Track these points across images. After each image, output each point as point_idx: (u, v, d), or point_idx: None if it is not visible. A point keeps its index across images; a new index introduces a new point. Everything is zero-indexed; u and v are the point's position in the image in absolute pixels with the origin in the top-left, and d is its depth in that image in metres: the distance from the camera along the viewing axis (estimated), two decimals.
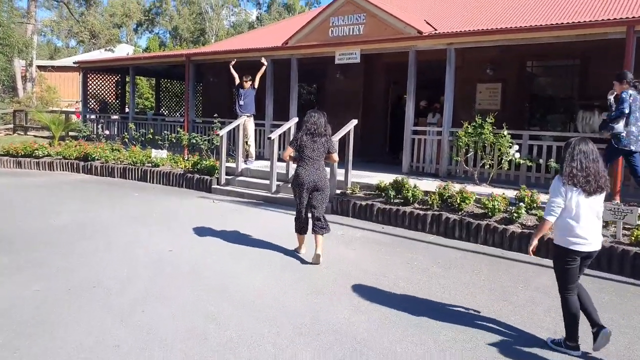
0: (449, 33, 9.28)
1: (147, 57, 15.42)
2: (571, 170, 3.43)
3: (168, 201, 9.05)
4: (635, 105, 6.13)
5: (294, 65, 11.46)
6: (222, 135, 10.07)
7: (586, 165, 3.43)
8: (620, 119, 6.12)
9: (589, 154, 3.46)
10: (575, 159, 3.45)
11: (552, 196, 3.53)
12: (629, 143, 6.22)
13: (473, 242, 6.62)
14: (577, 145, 3.51)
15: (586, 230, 3.46)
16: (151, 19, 59.75)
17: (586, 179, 3.41)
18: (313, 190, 5.61)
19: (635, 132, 6.19)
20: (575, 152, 3.47)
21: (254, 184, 9.75)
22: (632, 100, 6.12)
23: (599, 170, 3.47)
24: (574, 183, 3.41)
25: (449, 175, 9.46)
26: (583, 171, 3.41)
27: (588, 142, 3.54)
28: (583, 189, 3.42)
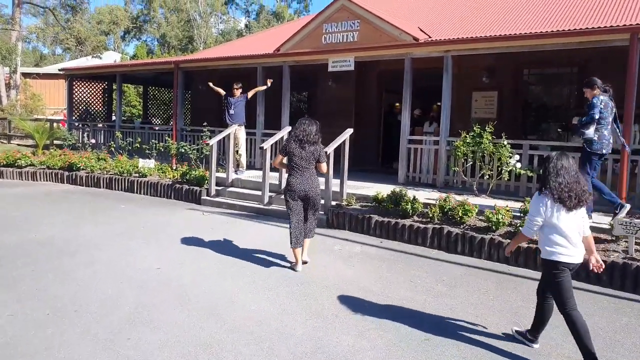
0: (446, 40, 9.06)
1: (135, 65, 15.05)
2: (558, 186, 3.46)
3: (156, 213, 8.67)
4: (606, 111, 6.18)
5: (286, 72, 11.18)
6: (212, 145, 9.73)
7: (568, 181, 3.47)
8: (590, 124, 6.16)
9: (570, 169, 3.51)
10: (560, 175, 3.47)
11: (533, 213, 3.58)
12: (601, 147, 6.24)
13: (477, 257, 6.33)
14: (559, 160, 3.54)
15: (570, 244, 3.51)
16: (139, 26, 59.29)
17: (569, 194, 3.45)
18: (305, 199, 5.57)
19: (607, 136, 6.24)
20: (559, 168, 3.50)
21: (246, 195, 9.41)
22: (604, 105, 6.16)
23: (581, 185, 3.52)
24: (560, 199, 3.45)
25: (447, 185, 9.21)
26: (567, 187, 3.45)
27: (568, 157, 3.59)
28: (565, 205, 3.46)
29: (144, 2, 58.52)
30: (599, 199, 6.59)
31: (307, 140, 5.50)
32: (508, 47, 8.49)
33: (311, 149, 5.53)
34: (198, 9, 55.86)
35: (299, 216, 5.61)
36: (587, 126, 6.18)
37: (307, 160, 5.52)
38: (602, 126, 6.20)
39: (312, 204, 5.64)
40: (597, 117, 6.12)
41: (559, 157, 3.56)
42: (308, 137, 5.51)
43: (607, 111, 6.19)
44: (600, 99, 6.16)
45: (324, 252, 6.45)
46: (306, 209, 5.65)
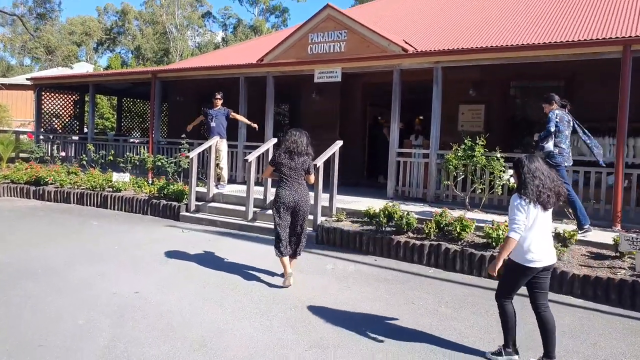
0: (437, 51, 8.83)
1: (110, 74, 14.48)
2: (536, 189, 3.47)
3: (132, 231, 8.11)
4: (563, 125, 6.36)
5: (270, 83, 10.79)
6: (193, 157, 9.24)
7: (544, 182, 3.50)
8: (548, 138, 6.34)
9: (543, 169, 3.56)
10: (536, 177, 3.50)
11: (515, 214, 3.52)
12: (563, 160, 6.37)
13: (476, 276, 5.99)
14: (531, 163, 3.57)
15: (543, 246, 3.53)
16: (113, 38, 58.29)
17: (547, 194, 3.49)
18: (294, 211, 5.48)
19: (566, 149, 6.41)
20: (533, 170, 3.53)
21: (228, 210, 8.92)
22: (559, 119, 6.34)
23: (555, 182, 3.57)
24: (540, 202, 3.48)
25: (438, 200, 8.90)
26: (544, 187, 3.49)
27: (538, 158, 3.65)
28: (543, 205, 3.49)
29: (118, 14, 57.67)
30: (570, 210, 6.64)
31: (297, 151, 5.44)
32: (500, 58, 8.29)
33: (301, 160, 5.46)
34: (174, 21, 55.26)
35: (286, 230, 5.51)
36: (546, 140, 6.36)
37: (296, 171, 5.45)
38: (560, 140, 6.36)
39: (300, 216, 5.52)
40: (553, 129, 6.28)
41: (530, 160, 3.59)
42: (298, 148, 5.44)
43: (564, 125, 6.36)
44: (555, 113, 6.33)
45: (316, 272, 6.02)
46: (294, 222, 5.54)
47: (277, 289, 5.28)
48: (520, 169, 3.59)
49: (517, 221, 3.48)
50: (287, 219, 5.49)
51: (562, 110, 6.43)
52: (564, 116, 6.41)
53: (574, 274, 5.30)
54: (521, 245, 3.52)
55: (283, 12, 58.38)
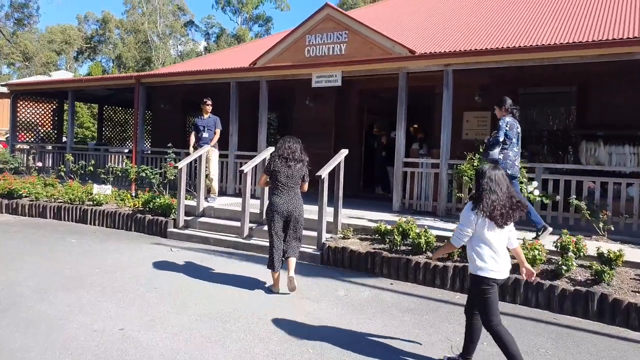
0: (447, 53, 8.21)
1: (90, 80, 13.56)
2: (490, 204, 3.36)
3: (114, 250, 7.26)
4: (512, 132, 6.24)
5: (263, 88, 10.04)
6: (181, 168, 8.44)
7: (501, 198, 3.38)
8: (496, 145, 6.25)
9: (502, 184, 3.44)
10: (492, 192, 3.39)
11: (464, 223, 3.48)
12: (505, 167, 6.14)
13: (510, 302, 5.31)
14: (492, 175, 3.44)
15: (500, 259, 3.44)
16: (93, 46, 57.06)
17: (500, 212, 3.36)
18: (288, 219, 5.36)
19: (512, 156, 6.27)
20: (491, 185, 3.40)
21: (220, 226, 8.12)
22: (509, 127, 6.23)
23: (513, 200, 3.44)
24: (492, 218, 3.37)
25: (449, 214, 8.24)
26: (499, 204, 3.36)
27: (500, 170, 3.53)
28: (496, 222, 3.38)
29: (98, 22, 56.52)
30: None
31: (292, 158, 5.33)
32: (517, 60, 7.68)
33: (297, 167, 5.36)
34: (156, 30, 54.31)
35: (280, 239, 5.38)
36: (493, 147, 6.28)
37: (292, 178, 5.34)
38: (507, 147, 6.25)
39: (294, 225, 5.40)
40: (502, 139, 6.20)
41: (491, 173, 3.45)
42: (294, 155, 5.34)
43: (512, 132, 6.25)
44: (506, 121, 6.23)
45: (328, 298, 5.27)
46: (287, 230, 5.41)
47: (290, 323, 4.51)
48: (481, 179, 3.47)
49: (462, 230, 3.47)
50: (281, 227, 5.36)
51: (511, 117, 6.31)
52: (514, 124, 6.29)
53: (629, 302, 4.64)
54: (476, 257, 3.47)
55: (267, 21, 57.82)
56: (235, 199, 9.83)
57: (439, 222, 7.64)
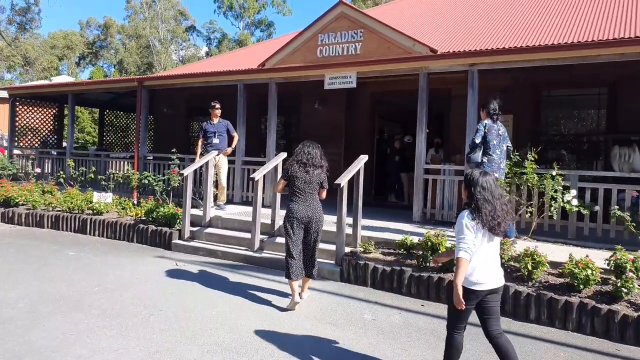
0: (472, 52, 7.65)
1: (91, 83, 13.01)
2: (488, 213, 3.22)
3: (115, 265, 6.69)
4: (491, 134, 6.19)
5: (272, 91, 9.47)
6: (187, 175, 7.87)
7: (497, 207, 3.25)
8: (475, 148, 6.21)
9: (495, 191, 3.31)
10: (488, 202, 3.25)
11: (464, 233, 3.24)
12: (492, 171, 6.03)
13: (560, 328, 4.71)
14: (485, 183, 3.29)
15: (489, 268, 3.28)
16: (95, 52, 56.70)
17: (498, 222, 3.24)
18: (307, 227, 5.14)
19: (496, 159, 6.22)
20: (487, 194, 3.26)
21: (229, 238, 7.54)
22: (488, 129, 6.19)
23: (506, 207, 3.32)
24: (490, 228, 3.23)
25: None
26: (496, 214, 3.23)
27: (491, 174, 3.39)
28: (495, 233, 3.26)
29: (100, 28, 56.19)
30: None
31: (312, 163, 5.16)
32: (550, 59, 7.10)
33: (316, 172, 5.17)
34: (158, 35, 53.96)
35: (298, 247, 5.14)
36: (473, 151, 6.24)
37: (311, 184, 5.14)
38: (489, 150, 6.20)
39: (313, 233, 5.16)
40: (478, 141, 6.15)
41: (483, 180, 3.30)
42: (313, 160, 5.17)
43: (492, 135, 6.19)
44: (484, 124, 6.20)
45: (354, 324, 4.68)
46: (307, 239, 5.18)
47: (316, 355, 3.93)
48: (472, 187, 3.32)
49: (467, 240, 3.22)
50: (300, 235, 5.13)
51: (490, 121, 6.26)
52: (493, 126, 6.25)
53: None
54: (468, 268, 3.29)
55: (268, 26, 57.41)
56: (243, 207, 9.27)
57: None
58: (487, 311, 3.33)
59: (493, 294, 3.32)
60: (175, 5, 55.76)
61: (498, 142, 6.26)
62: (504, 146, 6.41)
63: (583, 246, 6.45)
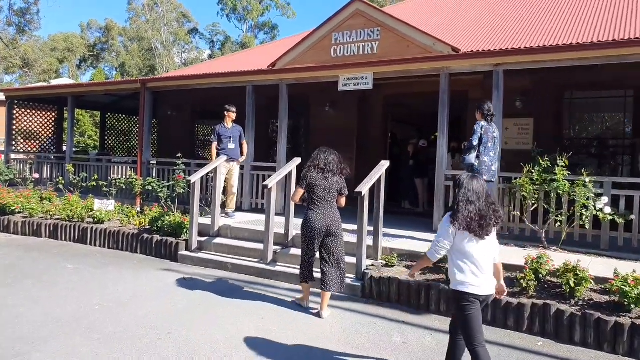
0: (497, 51, 7.23)
1: (91, 85, 12.60)
2: (467, 214, 3.11)
3: (117, 279, 6.24)
4: (487, 137, 6.09)
5: (283, 92, 9.04)
6: (194, 182, 7.43)
7: (480, 207, 3.15)
8: (470, 150, 6.11)
9: (481, 194, 3.20)
10: (470, 202, 3.14)
11: (442, 235, 3.23)
12: (481, 174, 5.95)
13: (609, 352, 4.26)
14: (469, 185, 3.20)
15: (481, 273, 3.16)
16: (96, 54, 56.37)
17: (479, 222, 3.12)
18: (326, 236, 5.00)
19: (488, 162, 6.13)
20: (469, 195, 3.16)
21: (240, 249, 7.09)
22: (484, 131, 6.09)
23: (493, 208, 3.20)
24: (470, 229, 3.11)
25: (501, 234, 7.20)
26: (477, 215, 3.12)
27: (479, 179, 3.27)
28: (476, 234, 3.13)
29: (101, 30, 55.88)
30: None
31: (330, 169, 5.00)
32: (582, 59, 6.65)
33: (335, 179, 5.02)
34: (160, 37, 53.65)
35: (313, 254, 5.07)
36: (468, 152, 6.14)
37: (330, 192, 5.00)
38: (482, 152, 6.10)
39: (334, 242, 5.01)
40: (476, 143, 6.05)
41: (469, 182, 3.23)
42: (331, 167, 5.01)
43: (487, 137, 6.10)
44: (481, 125, 6.10)
45: (382, 347, 4.23)
46: (328, 250, 5.03)
47: None
48: (457, 189, 3.25)
49: (439, 243, 3.24)
50: (317, 243, 5.00)
51: (486, 122, 6.14)
52: (489, 128, 6.14)
53: None
54: (456, 270, 3.20)
55: (272, 28, 57.12)
56: (253, 215, 8.83)
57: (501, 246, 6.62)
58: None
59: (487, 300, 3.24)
60: (177, 8, 55.51)
61: (492, 145, 6.18)
62: (497, 148, 6.32)
63: (618, 258, 6.02)
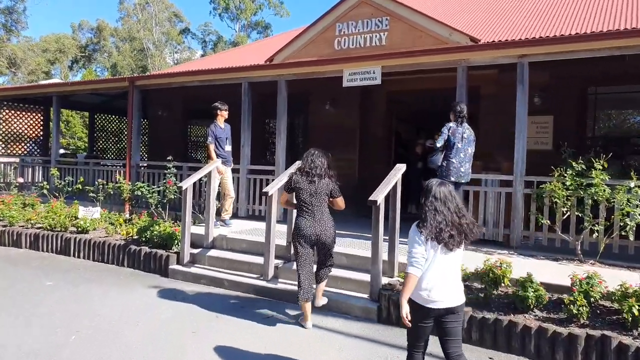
0: (522, 41, 6.55)
1: (77, 84, 11.76)
2: (437, 225, 2.94)
3: (101, 299, 5.49)
4: (455, 138, 6.07)
5: (282, 89, 8.28)
6: (186, 188, 6.68)
7: (449, 218, 2.96)
8: (435, 151, 6.18)
9: (450, 202, 3.01)
10: (438, 212, 2.97)
11: (413, 246, 2.99)
12: (449, 175, 6.02)
13: None
14: (438, 193, 3.02)
15: (444, 285, 2.98)
16: (88, 55, 55.46)
17: (450, 233, 2.95)
18: (316, 244, 4.78)
19: (457, 163, 6.10)
20: (437, 204, 3.00)
21: (236, 262, 6.35)
22: (452, 133, 6.09)
23: (464, 219, 3.01)
24: (438, 240, 2.94)
25: (525, 244, 6.52)
26: (447, 225, 2.95)
27: (448, 186, 3.09)
28: (446, 246, 2.94)
29: (93, 30, 54.99)
30: None
31: (316, 173, 4.74)
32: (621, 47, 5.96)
33: (322, 182, 4.75)
34: (152, 37, 52.81)
35: (309, 267, 4.76)
36: (435, 153, 6.22)
37: (317, 196, 4.73)
38: (449, 154, 6.10)
39: (324, 251, 4.83)
40: (440, 145, 6.11)
41: (436, 190, 3.04)
42: (317, 170, 4.73)
43: (456, 138, 6.07)
44: (449, 127, 6.11)
45: None
46: (318, 257, 4.88)
47: None
48: (424, 197, 3.07)
49: (415, 254, 2.96)
50: (309, 252, 4.75)
51: (455, 124, 6.12)
52: (458, 129, 6.10)
53: None
54: (419, 283, 2.98)
55: (265, 28, 56.34)
56: (251, 222, 8.11)
57: (519, 257, 5.94)
58: (445, 332, 3.05)
59: (452, 314, 3.02)
60: (169, 7, 54.69)
61: (462, 146, 6.11)
62: (469, 150, 6.18)
63: None
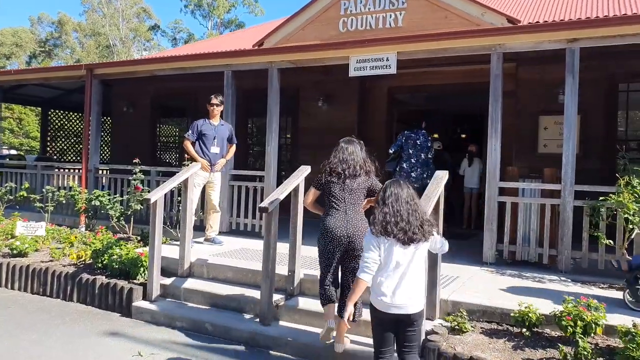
0: (572, 22, 5.37)
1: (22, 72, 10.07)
2: (384, 217, 2.89)
3: (35, 357, 3.99)
4: (407, 144, 6.54)
5: (273, 79, 6.88)
6: (155, 201, 5.20)
7: (397, 209, 2.89)
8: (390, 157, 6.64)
9: (401, 197, 2.94)
10: (386, 204, 2.94)
11: (367, 249, 2.96)
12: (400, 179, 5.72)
13: None
14: (388, 187, 3.00)
15: (403, 289, 2.86)
16: (48, 50, 52.75)
17: (398, 225, 2.85)
18: (347, 249, 3.89)
19: (407, 168, 6.48)
20: (387, 196, 2.96)
21: (221, 298, 4.91)
22: (405, 139, 6.58)
23: (417, 215, 2.91)
24: (387, 232, 2.86)
25: (578, 268, 5.34)
26: (394, 216, 2.87)
27: (402, 184, 3.02)
28: (397, 238, 2.84)
29: (54, 24, 52.33)
30: None
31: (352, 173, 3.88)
32: None
33: (359, 180, 3.91)
34: (119, 33, 50.54)
35: (334, 274, 3.95)
36: (388, 159, 6.67)
37: (352, 192, 3.90)
38: (402, 159, 6.52)
39: (353, 256, 3.88)
40: (392, 151, 6.63)
41: (389, 185, 3.01)
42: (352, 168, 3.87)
43: (408, 144, 6.53)
44: (404, 134, 6.59)
45: None
46: (346, 263, 3.94)
47: None
48: (379, 195, 3.03)
49: (367, 259, 2.91)
50: (336, 257, 3.89)
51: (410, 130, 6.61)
52: (411, 135, 6.55)
53: None
54: (378, 288, 2.91)
55: (239, 26, 54.68)
56: (235, 239, 6.76)
57: (575, 285, 4.74)
58: (402, 339, 2.90)
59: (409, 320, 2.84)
60: (137, 3, 52.53)
61: (414, 152, 6.51)
62: (422, 155, 6.57)
63: None
